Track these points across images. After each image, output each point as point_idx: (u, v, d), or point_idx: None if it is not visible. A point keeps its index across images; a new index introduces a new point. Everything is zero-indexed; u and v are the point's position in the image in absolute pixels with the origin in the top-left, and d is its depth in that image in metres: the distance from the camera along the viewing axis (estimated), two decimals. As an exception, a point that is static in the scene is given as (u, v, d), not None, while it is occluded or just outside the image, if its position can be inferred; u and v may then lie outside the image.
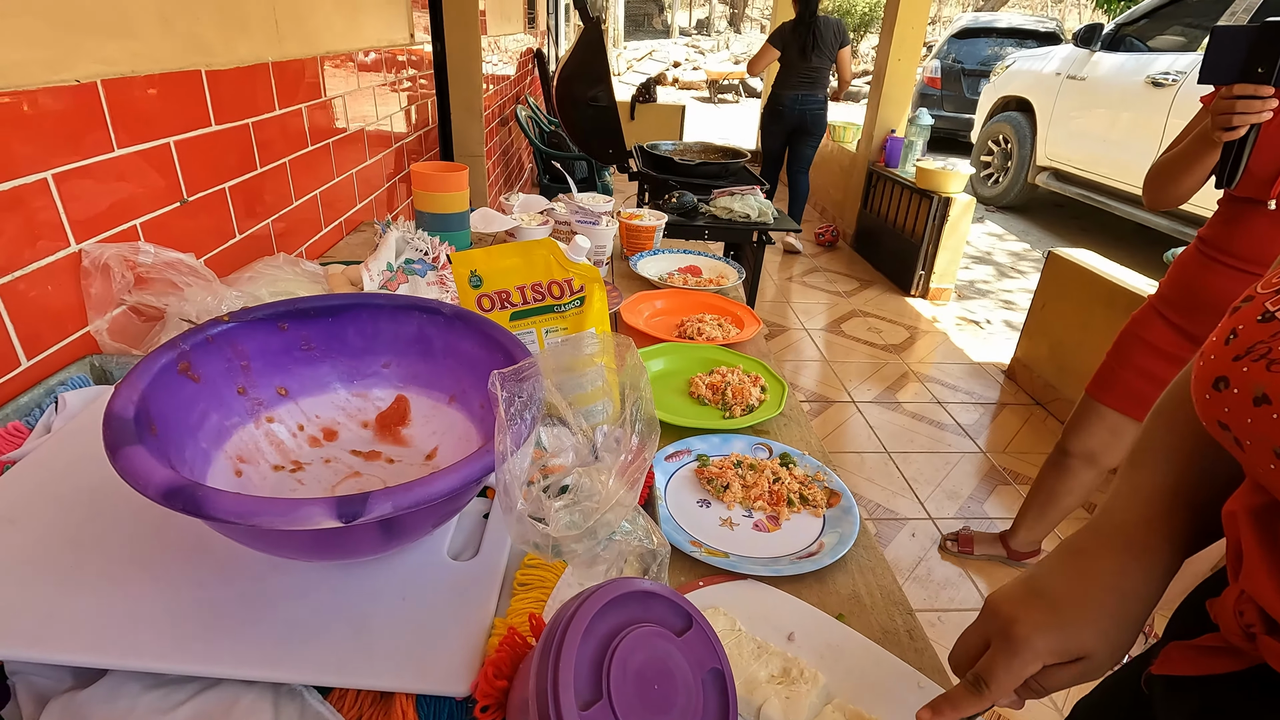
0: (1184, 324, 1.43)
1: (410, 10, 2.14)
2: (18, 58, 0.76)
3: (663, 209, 2.19)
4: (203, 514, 0.42)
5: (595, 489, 0.50)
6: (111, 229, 0.91)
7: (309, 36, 1.45)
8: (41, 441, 0.67)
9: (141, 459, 0.44)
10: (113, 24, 0.89)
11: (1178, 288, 1.44)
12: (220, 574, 0.52)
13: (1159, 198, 1.39)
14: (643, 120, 6.74)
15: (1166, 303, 1.47)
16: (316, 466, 0.64)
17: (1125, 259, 4.71)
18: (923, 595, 1.87)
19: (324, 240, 1.58)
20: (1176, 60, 4.18)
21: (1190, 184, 1.31)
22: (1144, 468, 0.52)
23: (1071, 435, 1.68)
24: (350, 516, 0.43)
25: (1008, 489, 2.34)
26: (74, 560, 0.53)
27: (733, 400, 1.04)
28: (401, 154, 2.14)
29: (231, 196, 1.19)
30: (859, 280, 4.18)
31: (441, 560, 0.57)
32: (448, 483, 0.47)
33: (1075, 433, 1.66)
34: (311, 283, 1.03)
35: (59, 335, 0.83)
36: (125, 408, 0.49)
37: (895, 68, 4.09)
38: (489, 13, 3.48)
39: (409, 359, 0.70)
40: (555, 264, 0.77)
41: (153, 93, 0.97)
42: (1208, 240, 1.38)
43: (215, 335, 0.60)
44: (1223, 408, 0.40)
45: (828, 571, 0.76)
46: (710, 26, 20.01)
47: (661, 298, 1.41)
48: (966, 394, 2.95)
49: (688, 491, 0.87)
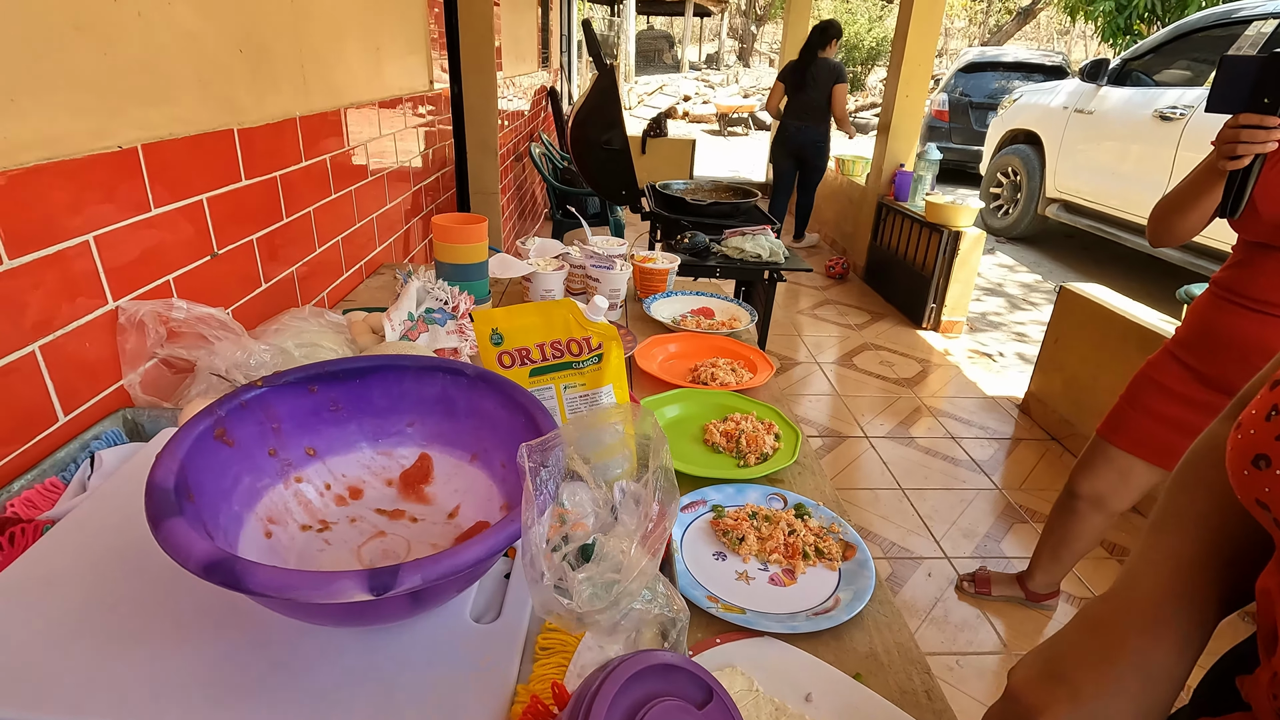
0: (1199, 366, 1.43)
1: (430, 58, 2.22)
2: (67, 129, 0.80)
3: (675, 249, 2.22)
4: (241, 588, 0.44)
5: (618, 558, 0.52)
6: (146, 285, 0.94)
7: (335, 89, 1.51)
8: (78, 501, 0.69)
9: (182, 532, 0.46)
10: (154, 91, 0.94)
11: (1193, 330, 1.44)
12: (252, 639, 0.54)
13: (1163, 232, 1.39)
14: (654, 154, 6.85)
15: (1183, 346, 1.47)
16: (342, 526, 0.66)
17: (1137, 291, 4.71)
18: (940, 638, 1.85)
19: (345, 284, 1.62)
20: (1184, 95, 4.21)
21: (1196, 218, 1.31)
22: (1170, 534, 0.50)
23: (1080, 477, 1.67)
24: (381, 589, 0.45)
25: (1025, 527, 2.32)
26: (110, 624, 0.54)
27: (747, 448, 1.05)
28: (420, 195, 2.20)
29: (258, 246, 1.23)
30: (870, 313, 4.19)
31: (465, 623, 0.58)
32: (474, 553, 0.48)
33: (1084, 474, 1.65)
34: (335, 333, 1.06)
35: (94, 390, 0.86)
36: (166, 478, 0.51)
37: (903, 103, 4.15)
38: (504, 53, 3.58)
39: (433, 418, 0.72)
40: (574, 323, 0.79)
41: (188, 153, 1.02)
42: (1222, 283, 1.38)
43: (249, 400, 0.62)
44: (1263, 487, 0.39)
45: (844, 628, 0.76)
46: (719, 61, 20.39)
47: (675, 341, 1.43)
48: (981, 429, 2.93)
49: (703, 543, 0.88)
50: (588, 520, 0.60)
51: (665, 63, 19.24)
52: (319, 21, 1.41)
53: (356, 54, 1.62)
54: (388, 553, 0.64)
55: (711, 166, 8.95)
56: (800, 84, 4.61)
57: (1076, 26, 12.35)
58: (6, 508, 0.70)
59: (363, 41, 1.65)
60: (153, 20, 0.93)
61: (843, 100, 4.58)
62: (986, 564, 2.09)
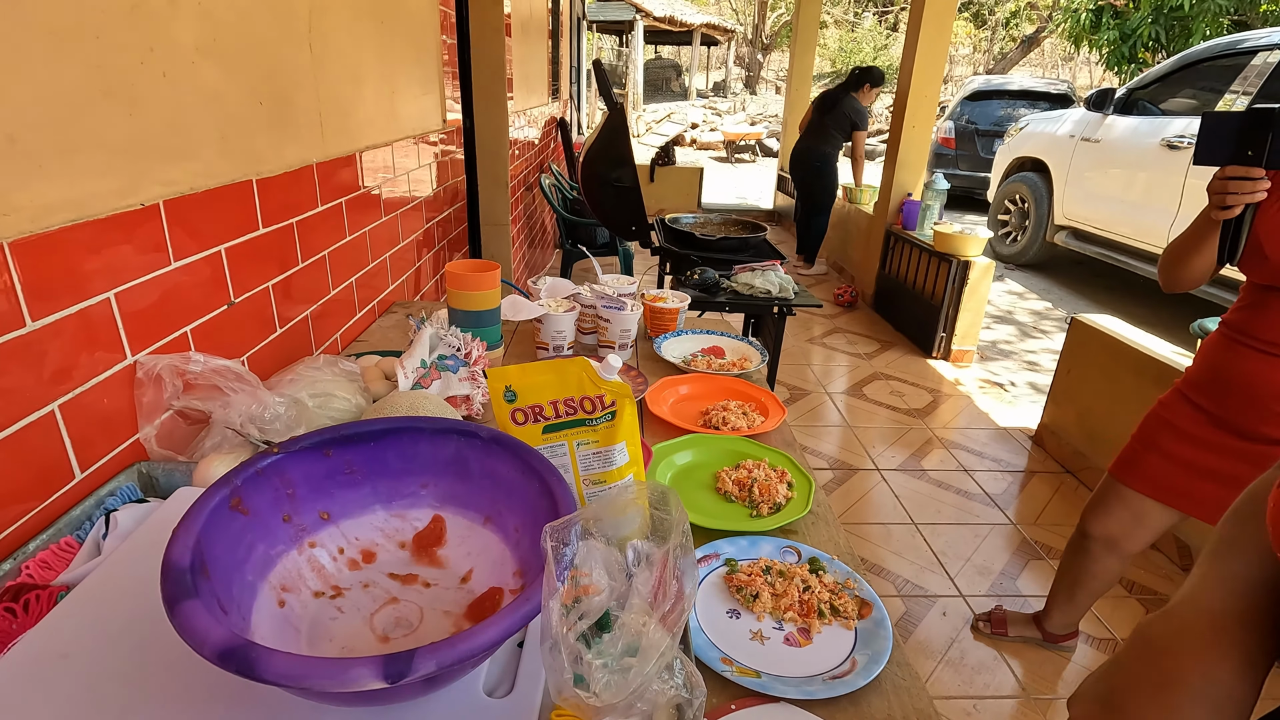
0: (1210, 407, 1.42)
1: (444, 97, 2.26)
2: (94, 190, 0.82)
3: (684, 285, 2.23)
4: (256, 677, 0.43)
5: (635, 635, 0.51)
6: (164, 338, 0.95)
7: (351, 134, 1.54)
8: (93, 565, 0.69)
9: (198, 617, 0.46)
10: (178, 149, 0.96)
11: (1205, 372, 1.44)
12: (267, 717, 0.53)
13: (1172, 280, 1.42)
14: (662, 182, 6.91)
15: (1194, 386, 1.46)
16: (355, 592, 0.65)
17: (1149, 317, 4.69)
18: (956, 681, 1.81)
19: (358, 324, 1.64)
20: (1191, 124, 4.23)
21: (1201, 265, 1.34)
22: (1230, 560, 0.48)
23: (1092, 517, 1.64)
24: (396, 677, 0.44)
25: (1041, 564, 2.28)
26: (123, 699, 0.54)
27: (760, 498, 1.04)
28: (432, 230, 2.22)
29: (274, 292, 1.24)
30: (880, 341, 4.18)
31: (478, 698, 0.58)
32: (489, 637, 0.48)
33: (1096, 515, 1.63)
34: (349, 382, 1.07)
35: (111, 445, 0.87)
36: (182, 555, 0.51)
37: (910, 134, 4.18)
38: (515, 85, 3.64)
39: (446, 480, 0.72)
40: (588, 381, 0.79)
41: (208, 205, 1.04)
42: (1233, 325, 1.38)
43: (265, 467, 0.62)
44: None
45: (862, 693, 0.75)
46: (727, 89, 20.66)
47: (686, 383, 1.43)
48: (994, 461, 2.90)
49: (717, 600, 0.87)
50: (603, 587, 0.60)
51: (673, 91, 19.51)
52: (336, 69, 1.44)
53: (372, 98, 1.65)
54: (401, 621, 0.63)
55: (719, 193, 9.02)
56: (823, 110, 4.95)
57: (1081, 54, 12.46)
58: (22, 570, 0.70)
59: (378, 86, 1.69)
60: (178, 80, 0.95)
61: (859, 145, 4.92)
62: (1003, 602, 2.06)
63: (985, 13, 18.21)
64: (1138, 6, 8.68)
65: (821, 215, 5.24)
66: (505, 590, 0.65)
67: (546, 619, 0.49)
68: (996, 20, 17.91)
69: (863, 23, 19.84)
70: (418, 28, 1.98)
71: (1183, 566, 2.26)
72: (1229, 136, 1.16)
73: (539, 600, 0.51)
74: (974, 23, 18.80)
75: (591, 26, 13.55)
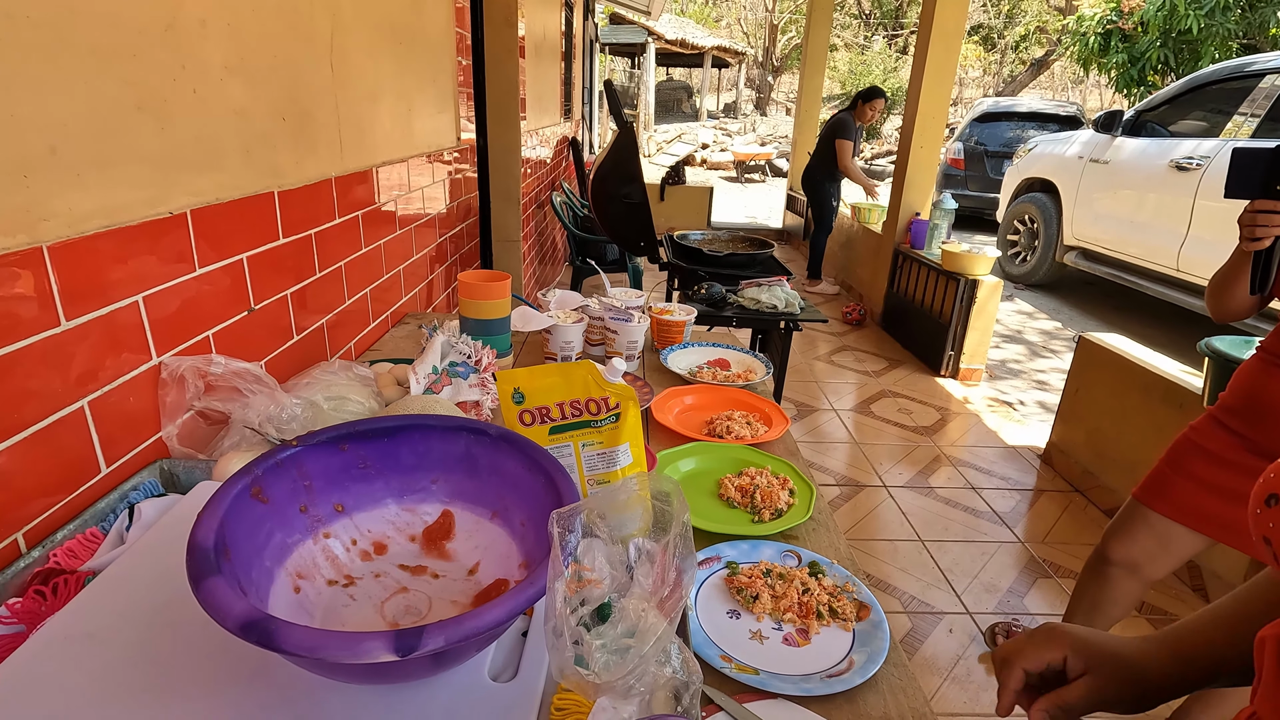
0: (1247, 432, 1.38)
1: (458, 115, 2.32)
2: (126, 200, 0.86)
3: (692, 299, 2.26)
4: (274, 647, 0.46)
5: (634, 620, 0.53)
6: (188, 340, 0.99)
7: (368, 149, 1.59)
8: (118, 552, 0.72)
9: (221, 591, 0.49)
10: (204, 161, 1.01)
11: (1240, 396, 1.41)
12: (280, 696, 0.56)
13: (1219, 310, 1.44)
14: (672, 201, 6.99)
15: (1229, 412, 1.43)
16: (367, 581, 0.68)
17: (1159, 338, 4.67)
18: (963, 698, 1.80)
19: (371, 334, 1.68)
20: (1200, 145, 4.24)
21: (1241, 294, 1.36)
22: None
23: (1113, 541, 1.60)
24: (406, 650, 0.47)
25: (1049, 582, 2.27)
26: (147, 678, 0.57)
27: (761, 504, 1.06)
28: (445, 245, 2.27)
29: (292, 300, 1.28)
30: (888, 359, 4.19)
31: (483, 682, 0.60)
32: (496, 615, 0.50)
33: (1118, 539, 1.59)
34: (363, 386, 1.10)
35: (135, 442, 0.90)
36: (206, 537, 0.54)
37: (918, 154, 4.22)
38: (528, 105, 3.72)
39: (456, 476, 0.74)
40: (593, 383, 0.82)
41: (232, 215, 1.08)
42: (1272, 349, 1.37)
43: (284, 459, 0.65)
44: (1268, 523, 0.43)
45: (859, 691, 0.76)
46: (737, 110, 20.89)
47: (691, 393, 1.45)
48: (1001, 479, 2.89)
49: (717, 601, 0.88)
50: (604, 578, 0.62)
51: (684, 112, 19.74)
52: (356, 87, 1.50)
53: (389, 115, 1.70)
54: (410, 609, 0.66)
55: (729, 213, 9.10)
56: (823, 132, 5.31)
57: (1090, 77, 12.53)
58: (50, 557, 0.73)
59: (395, 103, 1.74)
60: (207, 97, 1.00)
61: (842, 155, 5.05)
62: (1017, 619, 2.04)
63: (995, 36, 18.36)
64: (1146, 30, 8.74)
65: (819, 232, 5.38)
66: (511, 582, 0.67)
67: (551, 600, 0.51)
68: (1006, 44, 18.05)
69: (872, 46, 20.05)
70: (434, 49, 2.05)
71: (1194, 587, 2.24)
72: (1259, 171, 1.21)
73: (544, 583, 0.53)
74: (983, 46, 18.95)
75: (604, 49, 13.79)
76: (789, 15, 21.15)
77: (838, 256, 5.63)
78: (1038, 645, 0.61)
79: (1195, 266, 4.15)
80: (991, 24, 18.08)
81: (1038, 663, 0.61)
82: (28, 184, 0.73)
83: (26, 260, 0.73)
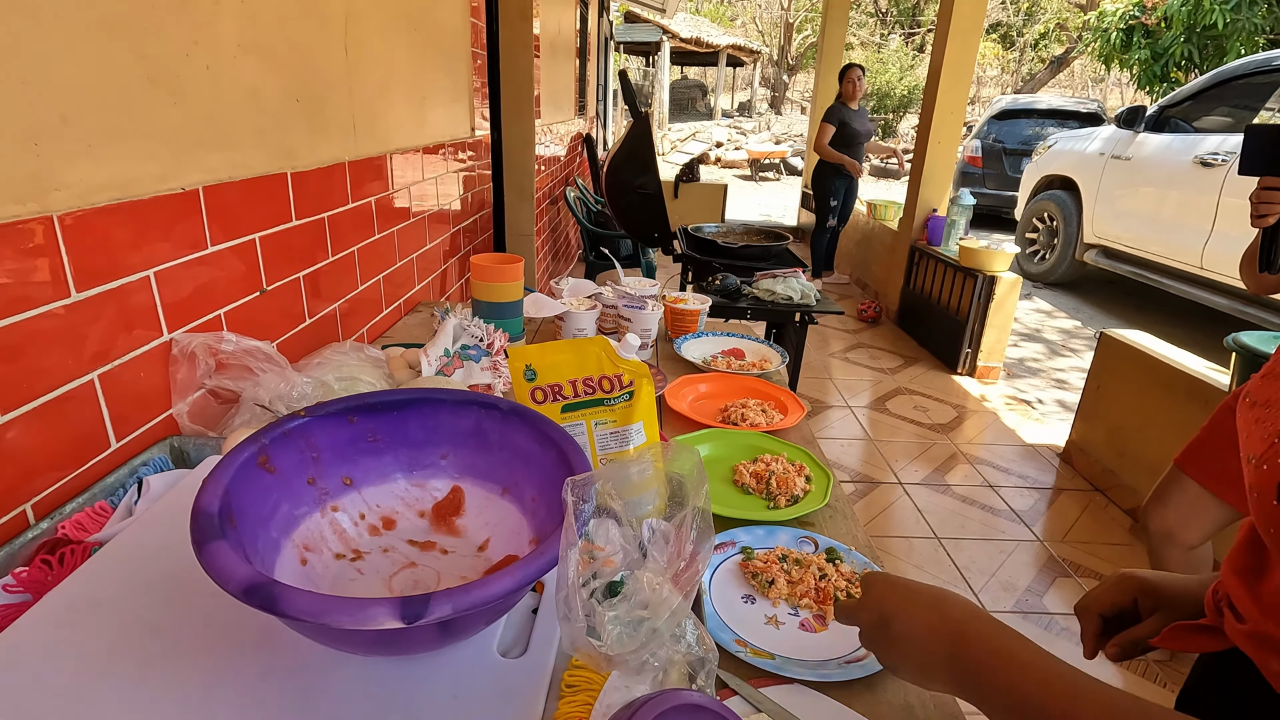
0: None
1: (472, 107, 2.31)
2: (137, 173, 0.85)
3: (706, 291, 2.24)
4: (278, 611, 0.45)
5: (647, 594, 0.51)
6: (199, 318, 0.99)
7: (382, 136, 1.58)
8: (125, 524, 0.71)
9: (224, 555, 0.47)
10: (216, 139, 1.00)
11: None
12: (285, 665, 0.55)
13: (1251, 283, 1.45)
14: (686, 199, 6.96)
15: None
16: (375, 556, 0.67)
17: (1184, 338, 4.58)
18: (980, 697, 1.76)
19: (384, 320, 1.67)
20: (1225, 140, 4.16)
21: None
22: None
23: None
24: (413, 618, 0.45)
25: (1069, 581, 2.22)
26: (152, 646, 0.56)
27: (777, 490, 1.04)
28: (458, 236, 2.26)
29: (304, 283, 1.28)
30: (904, 357, 4.14)
31: (491, 657, 0.58)
32: (504, 585, 0.49)
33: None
34: (374, 367, 1.09)
35: (145, 418, 0.90)
36: (211, 502, 0.53)
37: (935, 150, 4.17)
38: (543, 101, 3.71)
39: (466, 451, 0.73)
40: (606, 360, 0.80)
41: (244, 195, 1.07)
42: None
43: (292, 429, 0.64)
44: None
45: (878, 678, 0.74)
46: (752, 109, 20.81)
47: (705, 381, 1.43)
48: (1020, 477, 2.84)
49: (732, 586, 0.86)
50: (616, 557, 0.60)
51: (699, 110, 19.69)
52: (370, 73, 1.49)
53: (403, 103, 1.70)
54: (418, 583, 0.64)
55: (743, 210, 9.05)
56: None
57: (1111, 74, 12.35)
58: (58, 529, 0.73)
59: (409, 91, 1.74)
60: (220, 74, 0.99)
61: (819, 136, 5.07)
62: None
63: (1014, 34, 18.15)
64: (1170, 25, 8.59)
65: (817, 231, 5.37)
66: (521, 558, 0.65)
67: (564, 570, 0.49)
68: (1025, 42, 17.84)
69: (889, 44, 19.89)
70: (449, 38, 2.04)
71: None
72: (1269, 148, 1.20)
73: (555, 554, 0.51)
74: (1002, 44, 18.74)
75: (619, 47, 13.78)
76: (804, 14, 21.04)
77: (851, 253, 5.58)
78: (1109, 590, 0.68)
79: (1220, 264, 4.06)
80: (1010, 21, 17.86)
81: (1110, 606, 0.67)
82: (38, 152, 0.72)
83: (37, 229, 0.72)
